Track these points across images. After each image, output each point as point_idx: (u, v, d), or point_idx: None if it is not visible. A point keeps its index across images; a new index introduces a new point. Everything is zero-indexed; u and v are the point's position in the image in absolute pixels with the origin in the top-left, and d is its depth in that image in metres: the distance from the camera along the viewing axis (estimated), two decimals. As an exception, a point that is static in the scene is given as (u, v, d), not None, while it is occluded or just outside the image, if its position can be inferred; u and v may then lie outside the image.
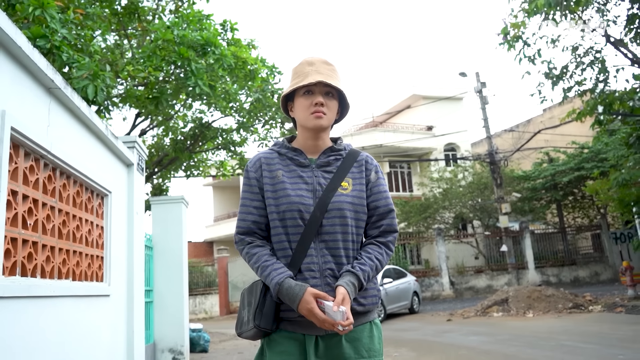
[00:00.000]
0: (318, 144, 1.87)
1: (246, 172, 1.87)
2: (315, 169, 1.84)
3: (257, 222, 1.80)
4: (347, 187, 1.81)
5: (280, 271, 1.67)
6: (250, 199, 1.82)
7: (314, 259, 1.72)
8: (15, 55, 2.60)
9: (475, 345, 7.81)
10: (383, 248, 1.81)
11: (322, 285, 1.69)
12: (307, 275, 1.70)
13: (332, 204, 1.75)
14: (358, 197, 1.81)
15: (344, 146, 1.93)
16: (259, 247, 1.77)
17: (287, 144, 1.90)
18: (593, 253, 22.20)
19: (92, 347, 3.62)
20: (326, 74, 1.82)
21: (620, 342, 7.03)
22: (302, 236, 1.72)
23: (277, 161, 1.85)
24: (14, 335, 2.48)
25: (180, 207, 7.74)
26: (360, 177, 1.86)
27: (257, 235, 1.80)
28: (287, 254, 1.73)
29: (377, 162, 1.96)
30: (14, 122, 2.50)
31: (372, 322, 1.79)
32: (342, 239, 1.75)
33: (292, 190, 1.76)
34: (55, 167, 3.16)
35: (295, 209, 1.73)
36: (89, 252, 3.71)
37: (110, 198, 4.16)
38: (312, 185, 1.79)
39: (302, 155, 1.85)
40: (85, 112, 3.54)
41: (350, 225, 1.77)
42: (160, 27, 7.37)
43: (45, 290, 2.86)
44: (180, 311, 7.65)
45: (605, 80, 12.08)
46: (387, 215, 1.85)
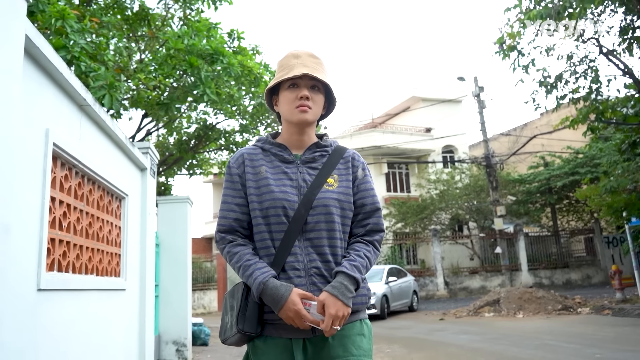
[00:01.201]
0: (303, 139, 1.82)
1: (228, 168, 1.81)
2: (300, 165, 1.78)
3: (239, 220, 1.73)
4: (332, 183, 1.76)
5: (263, 270, 1.61)
6: (232, 196, 1.75)
7: (299, 257, 1.66)
8: (56, 79, 2.98)
9: (464, 343, 8.21)
10: (370, 247, 1.76)
11: (308, 284, 1.64)
12: (291, 275, 1.64)
13: (317, 200, 1.70)
14: (344, 194, 1.76)
15: (330, 142, 1.88)
16: (240, 245, 1.70)
17: (271, 139, 1.84)
18: (585, 256, 22.62)
19: (112, 337, 4.02)
20: (312, 67, 1.77)
21: (600, 343, 7.42)
22: (286, 234, 1.66)
23: (261, 157, 1.80)
24: (54, 323, 2.87)
25: (185, 207, 8.12)
26: (347, 173, 1.81)
27: (239, 233, 1.73)
28: (270, 253, 1.68)
29: (364, 160, 1.91)
30: (55, 138, 2.88)
31: (362, 321, 1.74)
32: (327, 236, 1.69)
33: (276, 186, 1.71)
34: (84, 174, 3.54)
35: (279, 206, 1.67)
36: (109, 250, 4.09)
37: (127, 200, 4.55)
38: (297, 181, 1.74)
39: (287, 151, 1.80)
40: (109, 124, 3.92)
41: (336, 222, 1.71)
42: (171, 36, 7.74)
43: (76, 284, 3.25)
44: (184, 306, 8.03)
45: (597, 89, 12.46)
46: (373, 214, 1.79)
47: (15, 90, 2.28)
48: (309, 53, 1.82)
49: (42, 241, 2.71)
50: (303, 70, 1.73)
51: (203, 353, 8.96)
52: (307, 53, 1.81)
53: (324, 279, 1.65)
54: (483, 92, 21.20)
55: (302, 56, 1.79)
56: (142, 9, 9.22)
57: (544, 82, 12.50)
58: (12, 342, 2.27)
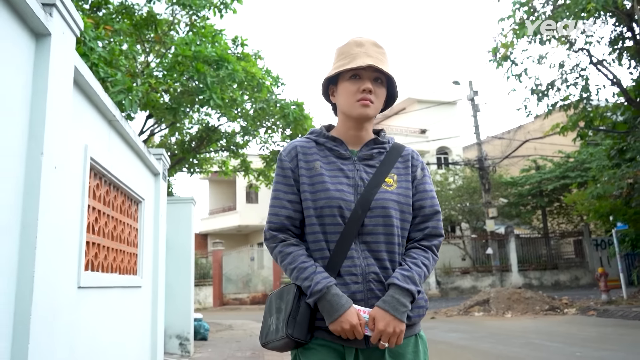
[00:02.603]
0: (361, 134, 1.71)
1: (279, 161, 1.70)
2: (357, 162, 1.67)
3: (291, 218, 1.63)
4: (391, 183, 1.65)
5: (324, 275, 1.52)
6: (284, 192, 1.65)
7: (356, 261, 1.55)
8: (93, 100, 3.35)
9: (453, 341, 8.63)
10: (429, 253, 1.65)
11: (365, 291, 1.54)
12: (348, 280, 1.54)
13: (375, 201, 1.59)
14: (404, 195, 1.66)
15: (388, 139, 1.77)
16: (293, 246, 1.60)
17: (325, 132, 1.73)
18: (574, 258, 23.13)
19: (131, 330, 4.39)
20: (376, 58, 1.65)
21: (582, 342, 7.85)
22: (342, 236, 1.56)
23: (315, 151, 1.69)
24: (89, 316, 3.25)
25: (190, 207, 8.48)
26: (406, 173, 1.71)
27: (291, 232, 1.64)
28: (324, 255, 1.57)
29: (422, 159, 1.81)
30: (92, 153, 3.25)
31: (418, 336, 1.63)
32: (385, 240, 1.58)
33: (332, 184, 1.60)
34: (111, 182, 3.91)
35: (334, 205, 1.57)
36: (128, 250, 4.46)
37: (143, 204, 4.92)
38: (354, 179, 1.63)
39: (343, 146, 1.69)
40: (132, 135, 4.29)
41: (395, 226, 1.60)
42: (179, 43, 8.10)
43: (105, 282, 3.62)
44: (187, 302, 8.40)
45: (587, 97, 12.90)
46: (432, 217, 1.69)
47: (66, 115, 2.65)
48: (372, 42, 1.69)
49: (82, 244, 3.08)
50: (367, 60, 1.61)
51: (203, 347, 9.33)
52: (370, 41, 1.69)
53: (382, 286, 1.55)
54: (477, 96, 21.61)
55: (365, 44, 1.67)
56: (150, 15, 9.56)
57: (535, 90, 12.94)
58: (60, 332, 2.64)
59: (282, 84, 10.96)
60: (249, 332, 12.08)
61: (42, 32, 2.44)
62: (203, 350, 8.92)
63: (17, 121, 2.27)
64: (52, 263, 2.45)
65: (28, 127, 2.34)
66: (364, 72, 1.64)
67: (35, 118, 2.36)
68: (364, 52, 1.64)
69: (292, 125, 10.60)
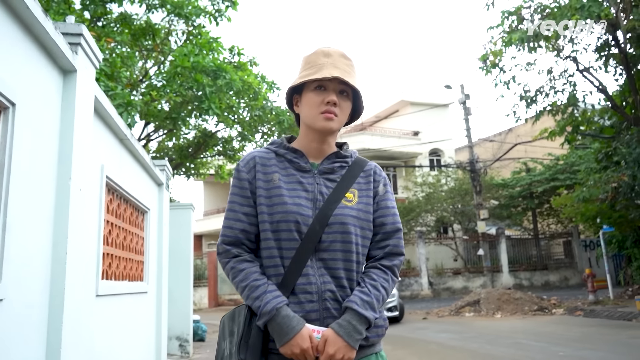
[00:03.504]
0: (323, 147, 1.65)
1: (237, 171, 1.64)
2: (317, 176, 1.61)
3: (246, 232, 1.56)
4: (352, 198, 1.59)
5: (275, 294, 1.46)
6: (239, 204, 1.58)
7: (311, 279, 1.49)
8: (109, 123, 3.63)
9: (444, 341, 8.95)
10: (389, 274, 1.59)
11: (320, 310, 1.48)
12: (302, 299, 1.48)
13: (334, 216, 1.53)
14: (364, 211, 1.60)
15: (351, 153, 1.71)
16: (247, 262, 1.53)
17: (286, 143, 1.67)
18: (564, 259, 23.54)
19: (139, 333, 4.67)
20: (343, 69, 1.59)
21: (566, 342, 8.19)
22: (298, 252, 1.50)
23: (274, 162, 1.62)
24: (105, 322, 3.53)
25: (189, 213, 8.75)
26: (368, 188, 1.64)
27: (245, 246, 1.57)
28: (278, 272, 1.51)
29: (385, 174, 1.74)
30: (107, 172, 3.54)
31: (378, 354, 1.58)
32: (343, 257, 1.53)
33: (290, 197, 1.54)
34: (122, 196, 4.19)
35: (291, 220, 1.51)
36: (136, 258, 4.74)
37: (149, 214, 5.20)
38: (313, 193, 1.57)
39: (304, 159, 1.63)
40: (139, 150, 4.57)
41: (353, 243, 1.54)
42: (178, 54, 8.38)
43: (118, 289, 3.91)
44: (186, 304, 8.67)
45: (574, 104, 13.28)
46: (393, 235, 1.63)
47: (89, 140, 2.94)
48: (340, 52, 1.64)
49: (99, 256, 3.37)
50: (334, 72, 1.56)
51: (202, 348, 9.61)
52: (338, 52, 1.64)
53: (339, 305, 1.50)
54: (469, 99, 21.97)
55: (333, 55, 1.62)
56: (148, 24, 9.83)
57: (524, 96, 13.29)
58: (82, 337, 2.92)
59: (277, 88, 11.27)
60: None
61: (69, 68, 2.73)
62: (202, 351, 9.19)
63: (49, 150, 2.55)
64: (78, 275, 2.74)
65: (57, 154, 2.63)
66: (329, 83, 1.58)
67: (63, 147, 2.64)
68: (331, 63, 1.59)
69: (287, 131, 10.90)
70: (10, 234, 2.09)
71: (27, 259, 2.27)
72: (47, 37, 2.40)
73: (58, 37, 2.51)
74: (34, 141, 2.36)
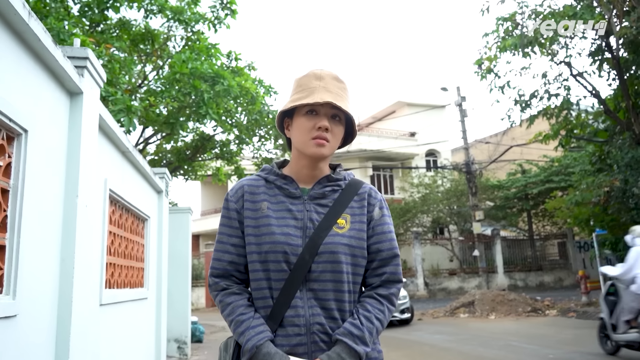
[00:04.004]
0: (314, 173, 1.60)
1: (225, 201, 1.61)
2: (307, 202, 1.56)
3: (235, 263, 1.54)
4: (343, 225, 1.54)
5: (258, 330, 1.43)
6: (227, 235, 1.56)
7: (300, 311, 1.46)
8: (112, 138, 3.77)
9: (437, 343, 9.11)
10: (385, 304, 1.53)
11: (309, 343, 1.45)
12: (290, 332, 1.45)
13: (324, 245, 1.48)
14: (356, 238, 1.54)
15: (344, 175, 1.65)
16: (234, 295, 1.51)
17: (277, 169, 1.62)
18: (558, 260, 23.75)
19: (140, 337, 4.81)
20: (335, 94, 1.55)
21: (557, 344, 8.36)
22: (287, 283, 1.46)
23: (263, 190, 1.58)
24: (108, 329, 3.67)
25: (187, 217, 8.89)
26: (361, 213, 1.58)
27: (235, 278, 1.54)
28: (267, 304, 1.48)
29: (382, 197, 1.67)
30: (111, 185, 3.67)
31: None
32: (333, 288, 1.48)
33: (278, 227, 1.50)
34: (123, 206, 4.33)
35: (279, 250, 1.47)
36: (136, 266, 4.89)
37: (149, 222, 5.33)
38: (302, 221, 1.52)
39: (293, 184, 1.58)
40: (140, 161, 4.70)
41: (345, 272, 1.50)
42: (177, 61, 8.51)
43: (120, 297, 4.05)
44: (185, 307, 8.81)
45: (568, 108, 13.44)
46: (390, 261, 1.58)
47: (94, 157, 3.07)
48: (333, 75, 1.60)
49: (103, 266, 3.51)
50: (326, 97, 1.51)
51: (200, 350, 9.74)
52: (331, 75, 1.60)
53: (328, 338, 1.46)
54: (465, 101, 22.16)
55: (325, 78, 1.58)
56: (147, 30, 9.95)
57: (519, 101, 13.45)
58: (88, 345, 3.06)
59: (274, 92, 11.41)
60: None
61: (76, 91, 2.87)
62: (199, 353, 9.33)
63: (57, 169, 2.69)
64: (84, 288, 2.88)
65: (65, 173, 2.76)
66: (321, 108, 1.53)
67: (70, 166, 2.78)
68: (323, 87, 1.55)
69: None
70: (23, 253, 2.23)
71: (37, 276, 2.41)
72: (57, 64, 2.54)
73: (66, 62, 2.65)
74: (43, 162, 2.49)
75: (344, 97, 1.57)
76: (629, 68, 12.58)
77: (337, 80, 1.59)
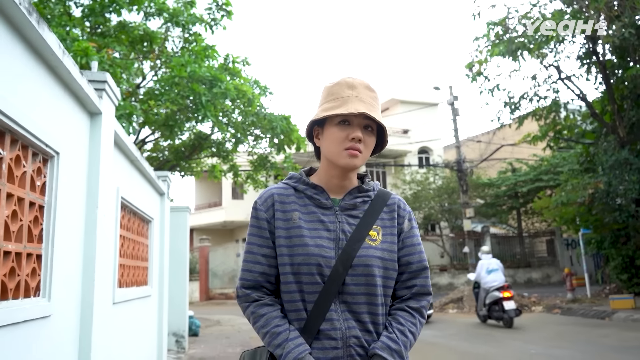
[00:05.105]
0: (344, 183, 1.58)
1: (254, 210, 1.58)
2: (338, 213, 1.55)
3: (266, 274, 1.52)
4: (375, 237, 1.53)
5: (297, 342, 1.42)
6: (258, 245, 1.54)
7: (336, 324, 1.45)
8: (124, 150, 4.07)
9: (425, 338, 9.48)
10: (417, 317, 1.54)
11: (345, 356, 1.44)
12: (327, 345, 1.44)
13: (358, 258, 1.48)
14: (388, 251, 1.54)
15: (373, 186, 1.64)
16: (267, 306, 1.49)
17: (305, 178, 1.61)
18: (547, 257, 24.25)
19: (145, 334, 5.13)
20: (369, 104, 1.53)
21: (540, 340, 8.75)
22: (321, 295, 1.45)
23: (294, 199, 1.56)
24: (119, 326, 3.98)
25: (185, 215, 9.19)
26: (392, 225, 1.59)
27: (265, 289, 1.52)
28: (300, 317, 1.47)
29: (410, 208, 1.67)
30: (122, 193, 3.97)
31: None
32: (367, 301, 1.48)
33: (311, 238, 1.49)
34: (131, 211, 4.63)
35: (313, 263, 1.46)
36: (142, 265, 5.20)
37: (153, 223, 5.64)
38: (335, 232, 1.51)
39: (324, 195, 1.56)
40: (146, 167, 5.00)
41: (378, 286, 1.49)
42: (175, 64, 8.78)
43: (128, 295, 4.36)
44: (182, 302, 9.13)
45: (556, 110, 13.83)
46: (420, 274, 1.58)
47: (110, 171, 3.38)
48: (365, 84, 1.57)
49: (115, 268, 3.82)
50: (360, 107, 1.49)
51: (196, 343, 10.07)
52: (363, 84, 1.57)
53: (364, 351, 1.46)
54: (457, 100, 22.50)
55: (358, 87, 1.55)
56: (146, 33, 10.19)
57: (508, 103, 13.82)
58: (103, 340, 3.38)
59: (270, 93, 11.69)
60: (236, 327, 12.82)
61: (95, 111, 3.17)
62: (196, 347, 9.65)
63: (79, 184, 3.00)
64: (102, 289, 3.20)
65: (86, 187, 3.07)
66: (354, 118, 1.51)
67: (91, 180, 3.09)
68: (356, 96, 1.52)
69: (279, 137, 11.33)
70: (56, 261, 2.54)
71: (66, 280, 2.72)
72: (82, 91, 2.84)
73: (89, 88, 2.95)
74: (70, 179, 2.80)
75: (375, 107, 1.55)
76: (615, 72, 12.96)
77: (369, 89, 1.57)
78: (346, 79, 1.57)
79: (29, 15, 2.03)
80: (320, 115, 1.53)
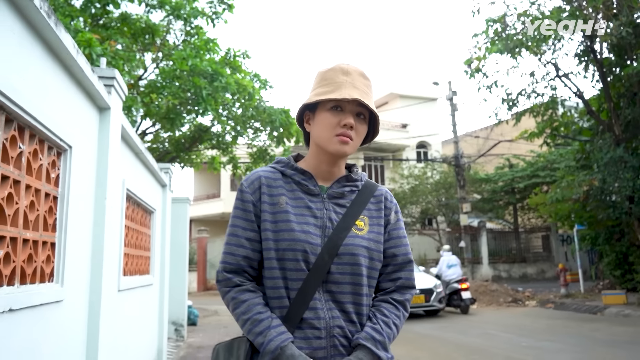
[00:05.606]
0: (333, 170, 1.55)
1: (240, 192, 1.53)
2: (326, 200, 1.52)
3: (249, 258, 1.47)
4: (362, 227, 1.51)
5: (280, 330, 1.37)
6: (243, 228, 1.49)
7: (320, 313, 1.41)
8: (129, 143, 4.20)
9: (420, 330, 9.67)
10: (401, 310, 1.52)
11: (328, 347, 1.40)
12: (309, 334, 1.40)
13: (344, 246, 1.45)
14: (375, 241, 1.51)
15: (360, 176, 1.61)
16: (249, 292, 1.44)
17: (294, 163, 1.57)
18: (542, 252, 24.47)
19: (147, 322, 5.29)
20: (362, 91, 1.49)
21: (531, 333, 8.94)
22: (305, 283, 1.41)
23: (281, 183, 1.52)
24: (124, 313, 4.13)
25: (186, 206, 9.33)
26: (379, 216, 1.56)
27: (247, 274, 1.47)
28: (283, 304, 1.42)
29: (396, 201, 1.66)
30: (128, 185, 4.12)
31: None
32: (351, 290, 1.45)
33: (297, 224, 1.45)
34: (135, 202, 4.78)
35: (299, 249, 1.42)
36: (144, 255, 5.35)
37: (155, 214, 5.79)
38: (322, 220, 1.48)
39: (312, 181, 1.53)
40: (149, 159, 5.14)
41: (363, 275, 1.46)
42: (177, 58, 8.89)
43: (132, 284, 4.51)
44: (182, 292, 9.29)
45: (554, 107, 13.96)
46: (405, 267, 1.56)
47: (117, 163, 3.52)
48: (360, 72, 1.54)
49: (121, 256, 3.96)
50: (354, 93, 1.46)
51: (195, 332, 10.25)
52: (358, 71, 1.54)
53: (348, 342, 1.43)
54: (456, 95, 22.63)
55: (352, 74, 1.52)
56: (149, 26, 10.29)
57: (506, 99, 13.94)
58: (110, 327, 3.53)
59: (270, 86, 11.81)
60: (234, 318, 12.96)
61: (104, 106, 3.31)
62: (195, 336, 9.83)
63: (90, 176, 3.14)
64: (109, 277, 3.34)
65: (95, 180, 3.21)
66: (347, 104, 1.48)
67: (100, 173, 3.23)
68: (350, 83, 1.49)
69: (278, 130, 11.46)
70: (68, 249, 2.68)
71: (77, 267, 2.86)
72: (93, 87, 2.97)
73: (99, 84, 3.08)
74: (80, 171, 2.94)
75: (369, 94, 1.53)
76: (612, 70, 13.08)
77: (363, 77, 1.54)
78: (341, 65, 1.54)
79: (48, 18, 2.16)
80: (312, 99, 1.50)
